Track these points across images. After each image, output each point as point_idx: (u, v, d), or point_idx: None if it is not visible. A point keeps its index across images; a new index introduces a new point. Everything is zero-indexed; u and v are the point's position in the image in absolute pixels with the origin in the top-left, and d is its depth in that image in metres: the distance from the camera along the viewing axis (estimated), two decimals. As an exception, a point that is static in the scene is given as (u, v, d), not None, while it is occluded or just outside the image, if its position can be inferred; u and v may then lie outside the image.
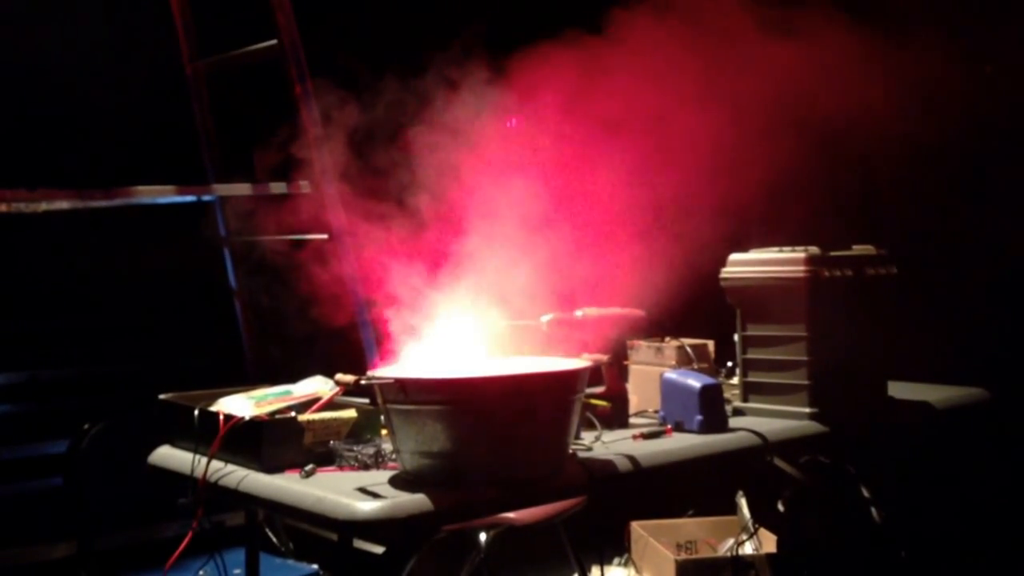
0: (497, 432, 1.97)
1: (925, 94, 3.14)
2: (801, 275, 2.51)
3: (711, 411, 2.44)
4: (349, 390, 2.07)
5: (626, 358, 2.76)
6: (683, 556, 3.38)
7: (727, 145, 2.81)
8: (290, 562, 3.67)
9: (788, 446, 2.50)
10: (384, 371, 2.09)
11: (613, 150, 2.70)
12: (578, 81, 2.70)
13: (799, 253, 2.55)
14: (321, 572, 3.58)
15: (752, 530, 3.21)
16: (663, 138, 2.72)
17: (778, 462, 2.67)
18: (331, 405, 2.32)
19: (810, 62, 2.85)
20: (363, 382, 2.02)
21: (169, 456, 2.43)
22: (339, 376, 2.08)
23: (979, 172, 3.37)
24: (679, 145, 2.72)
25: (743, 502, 3.34)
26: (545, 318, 2.52)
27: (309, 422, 2.21)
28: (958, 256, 3.39)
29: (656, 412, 2.57)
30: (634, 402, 2.67)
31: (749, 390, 2.65)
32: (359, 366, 2.25)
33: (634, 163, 2.72)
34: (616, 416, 2.52)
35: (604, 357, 2.27)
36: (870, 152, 3.20)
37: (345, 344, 3.13)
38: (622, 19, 2.81)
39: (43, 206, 3.37)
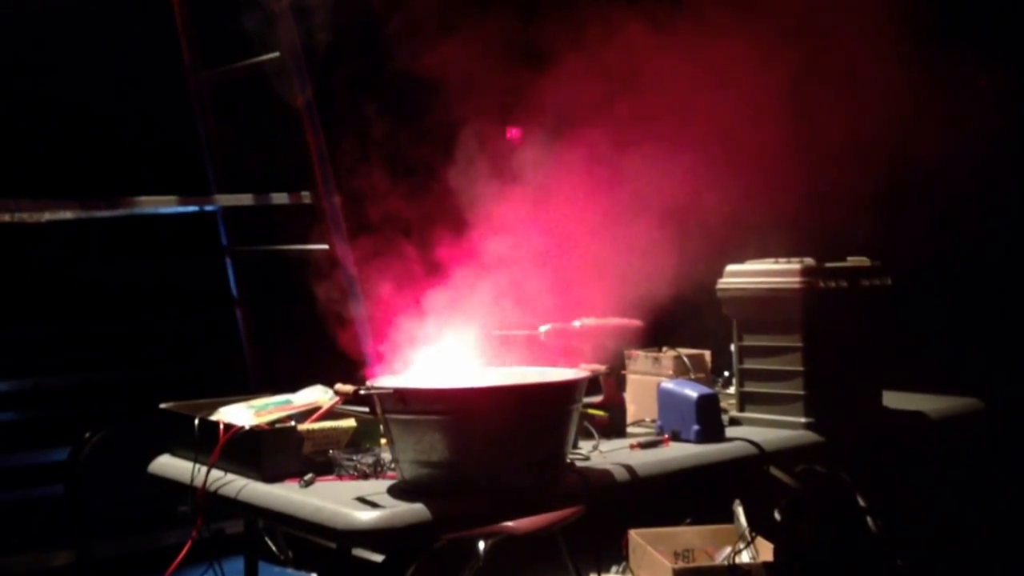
0: (495, 442, 1.99)
1: (922, 107, 3.16)
2: (797, 286, 2.53)
3: (708, 421, 2.46)
4: (349, 400, 2.08)
5: (624, 368, 2.78)
6: (680, 564, 3.39)
7: (724, 157, 2.84)
8: (289, 571, 3.68)
9: (784, 455, 2.52)
10: (383, 381, 2.11)
11: (612, 163, 2.72)
12: (579, 93, 2.72)
13: (795, 264, 2.56)
14: (320, 580, 3.59)
15: (749, 539, 3.22)
16: (661, 150, 2.74)
17: (774, 471, 2.69)
18: (331, 414, 2.33)
19: (807, 77, 2.87)
20: (362, 392, 2.03)
21: (169, 465, 2.44)
22: (339, 386, 2.09)
23: (973, 184, 3.39)
24: (676, 157, 2.74)
25: (740, 511, 3.35)
26: (544, 328, 2.54)
27: (309, 431, 2.23)
28: (952, 267, 3.41)
29: (653, 422, 2.58)
30: (631, 412, 2.68)
31: (745, 400, 2.67)
32: (359, 376, 2.27)
33: (632, 174, 2.74)
34: (614, 426, 2.54)
35: (602, 367, 2.29)
36: (865, 164, 3.22)
37: (345, 354, 3.15)
38: (622, 26, 2.84)
39: (46, 216, 3.40)
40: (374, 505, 1.94)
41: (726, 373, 2.92)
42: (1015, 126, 3.39)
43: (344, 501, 1.97)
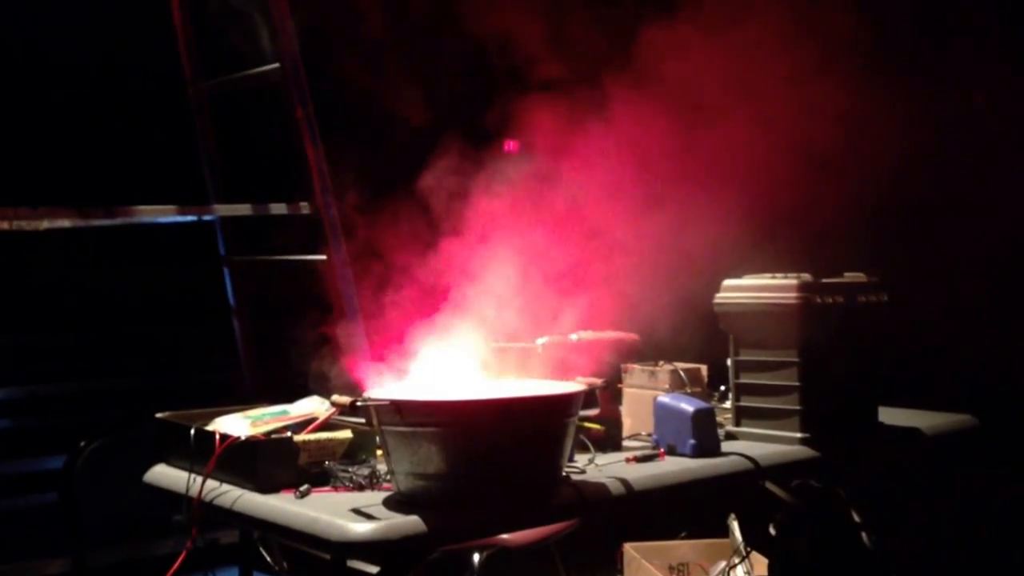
0: (491, 454, 1.99)
1: (918, 123, 3.18)
2: (793, 302, 2.54)
3: (704, 435, 2.46)
4: (345, 411, 2.08)
5: (620, 381, 2.78)
6: (675, 579, 3.40)
7: (722, 172, 2.85)
8: (284, 581, 3.66)
9: (780, 470, 2.53)
10: (380, 393, 2.11)
11: (610, 177, 2.73)
12: (576, 111, 2.74)
13: (791, 280, 2.57)
14: (315, 592, 3.58)
15: (744, 553, 3.22)
16: (658, 166, 2.76)
17: (770, 486, 2.70)
18: (327, 426, 2.33)
19: (804, 92, 2.89)
20: (359, 403, 2.04)
21: (165, 475, 2.44)
22: (335, 397, 2.09)
23: (969, 201, 3.41)
24: (674, 173, 2.75)
25: (735, 525, 3.35)
26: (541, 341, 2.55)
27: (305, 442, 2.23)
28: (948, 284, 3.42)
29: (649, 435, 2.58)
30: (627, 425, 2.69)
31: (741, 414, 2.67)
32: (355, 387, 2.27)
33: (630, 190, 2.75)
34: (609, 439, 2.54)
35: (598, 380, 2.29)
36: (862, 180, 3.24)
37: (341, 365, 3.15)
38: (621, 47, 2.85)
39: (45, 224, 3.40)
40: (369, 517, 1.94)
41: (722, 387, 2.93)
42: (1012, 142, 3.40)
43: (339, 512, 1.97)
